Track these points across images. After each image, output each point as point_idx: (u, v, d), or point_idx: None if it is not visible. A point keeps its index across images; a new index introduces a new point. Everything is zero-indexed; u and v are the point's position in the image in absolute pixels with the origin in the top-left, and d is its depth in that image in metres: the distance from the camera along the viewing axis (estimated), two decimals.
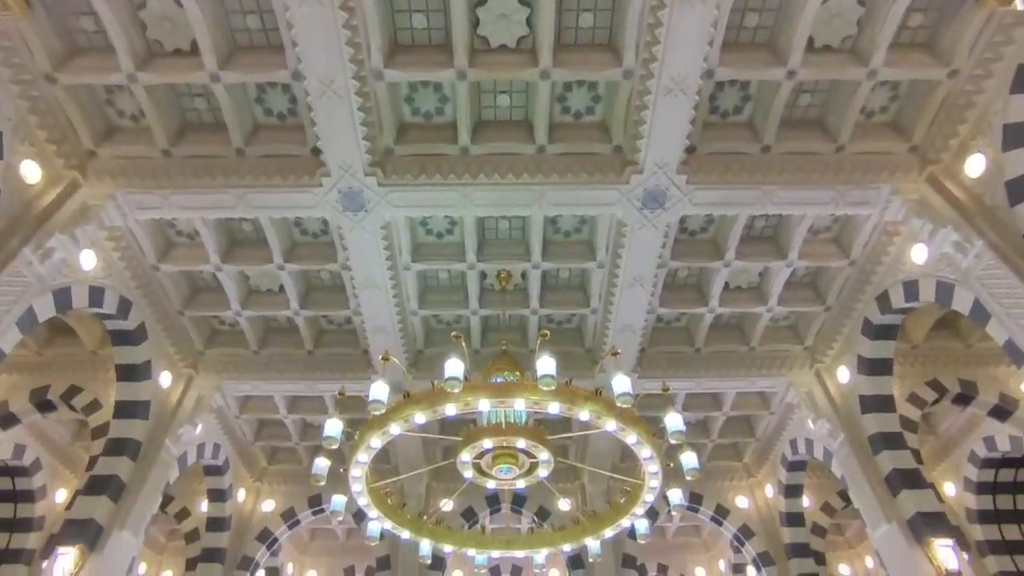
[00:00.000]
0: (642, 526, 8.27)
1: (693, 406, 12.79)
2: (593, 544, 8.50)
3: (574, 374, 7.09)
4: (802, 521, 13.42)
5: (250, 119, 8.35)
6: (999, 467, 12.66)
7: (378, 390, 6.02)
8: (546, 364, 5.69)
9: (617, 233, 9.02)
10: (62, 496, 12.97)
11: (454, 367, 5.75)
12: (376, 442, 6.48)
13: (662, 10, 6.62)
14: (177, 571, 15.90)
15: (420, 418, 6.13)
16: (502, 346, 8.75)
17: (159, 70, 7.55)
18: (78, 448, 13.24)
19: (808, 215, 9.10)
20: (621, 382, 5.92)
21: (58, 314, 8.72)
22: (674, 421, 6.49)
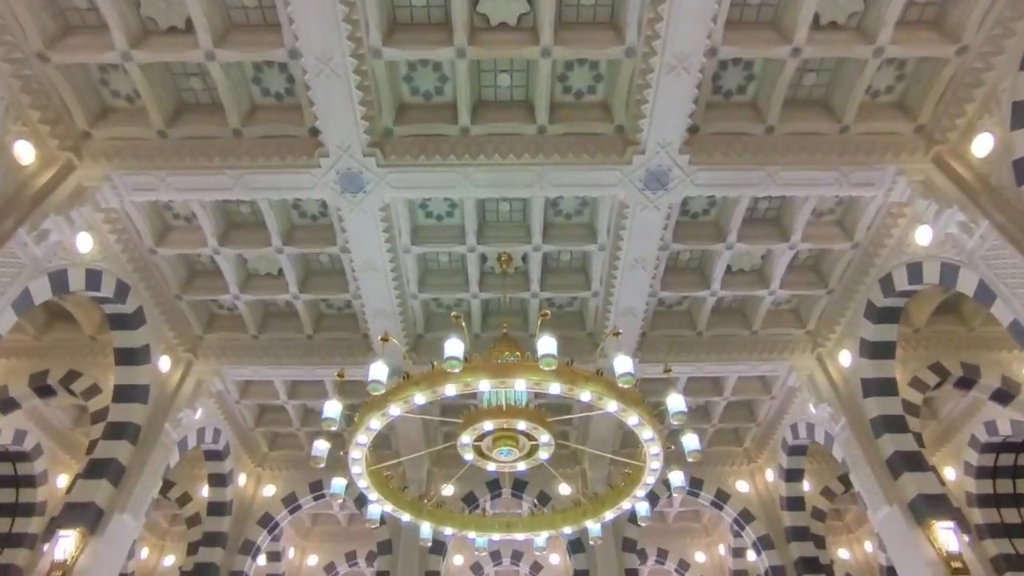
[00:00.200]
0: (643, 508, 8.25)
1: (694, 391, 12.76)
2: (594, 527, 8.49)
3: (575, 358, 7.08)
4: (802, 505, 13.46)
5: (247, 99, 8.24)
6: (999, 451, 12.66)
7: (377, 370, 5.95)
8: (547, 344, 5.62)
9: (618, 215, 8.93)
10: (63, 481, 12.99)
11: (454, 347, 5.69)
12: (376, 423, 6.43)
13: None
14: (179, 555, 16.00)
15: (420, 399, 6.08)
16: (503, 330, 8.71)
17: (153, 48, 7.43)
18: (78, 433, 13.24)
19: (811, 197, 9.02)
20: (623, 362, 5.86)
21: (55, 297, 8.67)
22: (676, 402, 6.45)
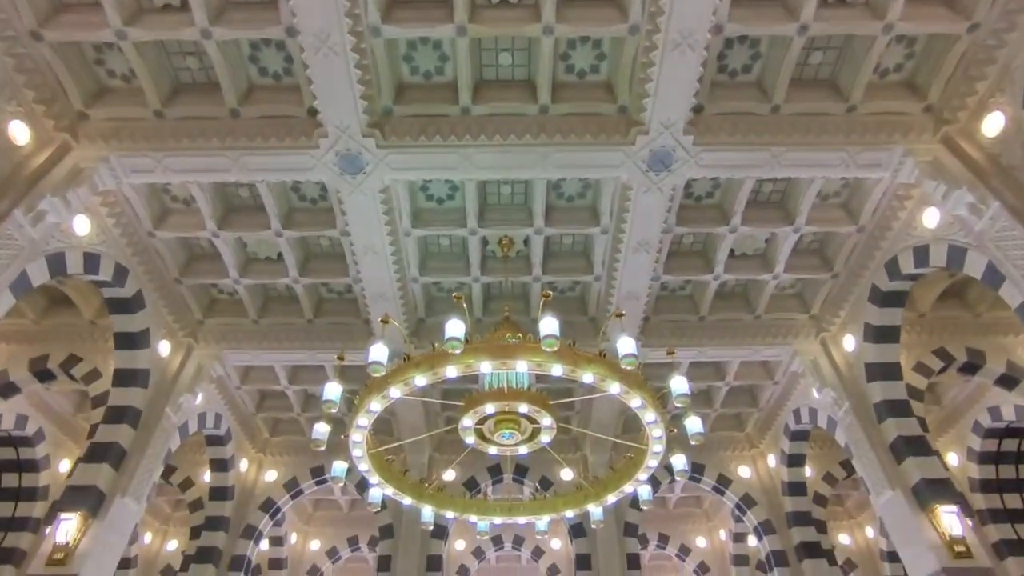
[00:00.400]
0: (645, 492, 8.23)
1: (696, 376, 12.69)
2: (595, 510, 8.48)
3: (577, 343, 6.96)
4: (804, 491, 13.43)
5: (244, 79, 8.12)
6: (1002, 437, 12.62)
7: (377, 351, 5.89)
8: (549, 324, 5.55)
9: (621, 197, 8.82)
10: (65, 466, 12.99)
11: (455, 328, 5.62)
12: (376, 406, 6.38)
13: None
14: (182, 540, 16.07)
15: (421, 380, 6.02)
16: (504, 313, 8.63)
17: (149, 26, 7.30)
18: (80, 419, 13.23)
19: (817, 179, 8.90)
20: (626, 343, 5.79)
21: (52, 280, 8.61)
22: (679, 384, 6.39)
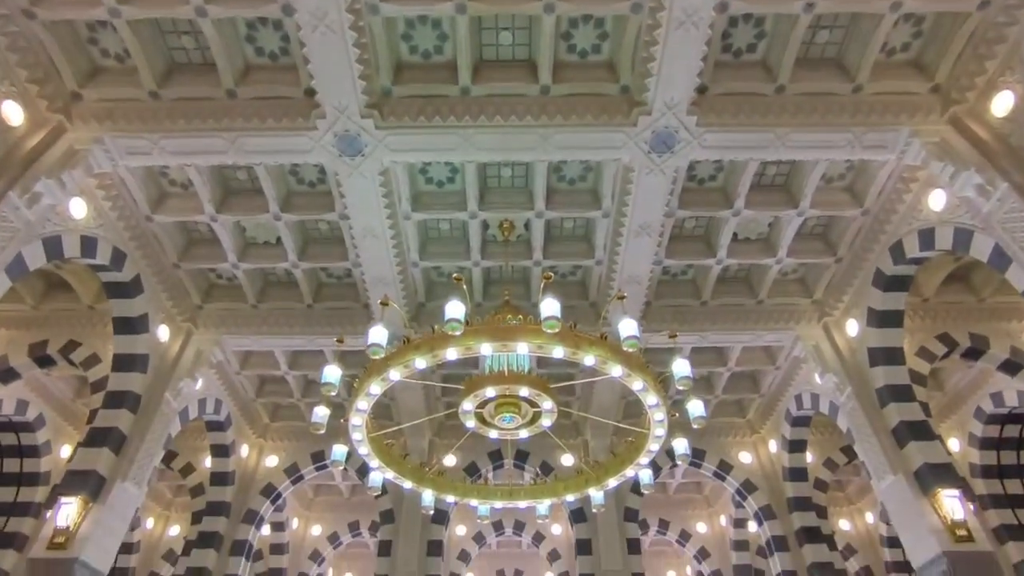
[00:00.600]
0: (646, 476, 8.21)
1: (698, 361, 12.59)
2: (596, 495, 8.45)
3: (578, 327, 6.88)
4: (805, 476, 13.43)
5: (240, 59, 7.99)
6: (1004, 423, 12.59)
7: (377, 334, 5.82)
8: (550, 306, 5.47)
9: (623, 179, 8.71)
10: (66, 452, 12.98)
11: (455, 309, 5.54)
12: (376, 388, 6.32)
13: None
14: (184, 526, 16.13)
15: (420, 363, 5.96)
16: (505, 297, 8.54)
17: (142, 4, 7.16)
18: (80, 405, 13.21)
19: (821, 161, 8.79)
20: (627, 325, 5.71)
21: (49, 263, 8.54)
22: (681, 367, 6.32)
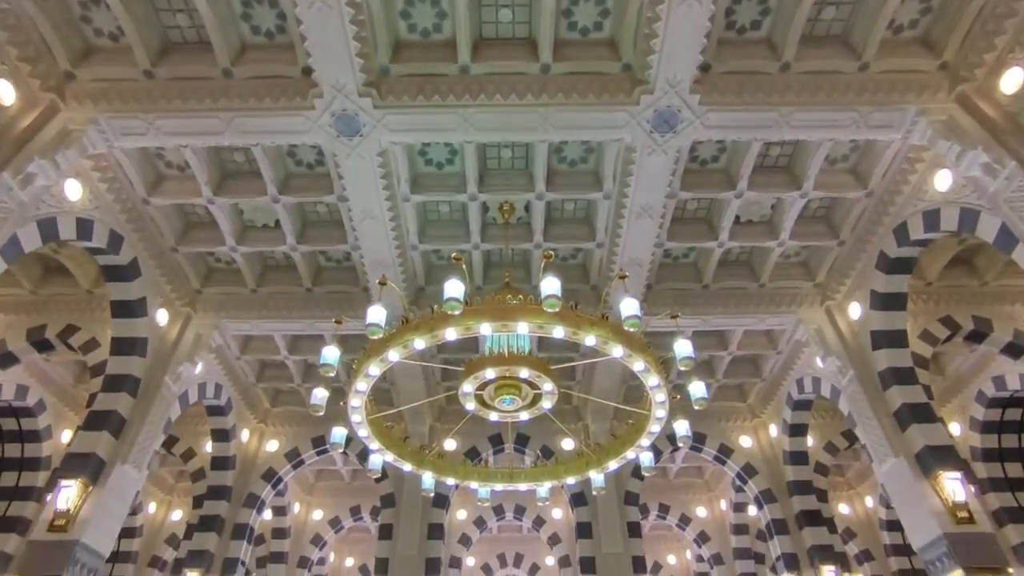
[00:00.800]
0: (647, 458, 8.17)
1: (699, 345, 12.34)
2: (597, 477, 8.42)
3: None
4: (805, 460, 13.44)
5: (236, 37, 7.86)
6: (1006, 406, 12.58)
7: (375, 313, 5.76)
8: (550, 284, 5.39)
9: (625, 160, 8.60)
10: (67, 437, 12.99)
11: (454, 288, 5.47)
12: (374, 370, 6.26)
13: None
14: (187, 510, 16.19)
15: (419, 343, 5.90)
16: (505, 280, 8.47)
17: None
18: (81, 390, 13.20)
19: (826, 142, 8.66)
20: (629, 304, 5.64)
21: (45, 246, 8.46)
22: (683, 347, 6.26)
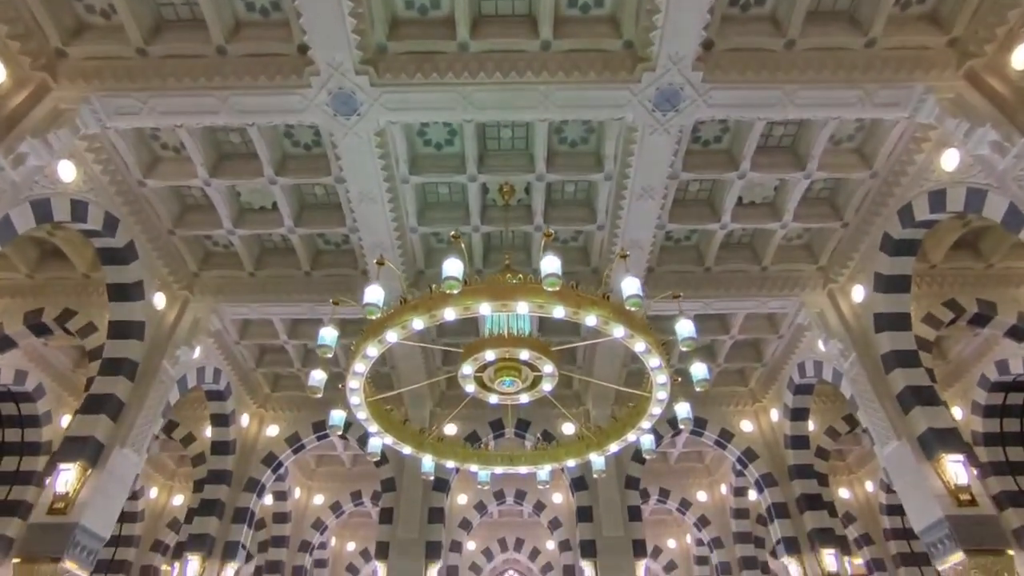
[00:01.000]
0: (647, 441, 8.14)
1: (700, 329, 12.19)
2: (597, 460, 8.40)
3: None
4: (807, 444, 13.43)
5: (231, 14, 7.71)
6: (1008, 391, 12.54)
7: (373, 293, 5.68)
8: (551, 263, 5.31)
9: (626, 140, 8.47)
10: (67, 422, 12.97)
11: (453, 267, 5.39)
12: (372, 351, 6.20)
13: None
14: (188, 495, 16.23)
15: (418, 324, 5.83)
16: (505, 262, 8.38)
17: None
18: (80, 375, 13.17)
19: (830, 122, 8.52)
20: (630, 284, 5.56)
21: (39, 227, 8.37)
22: (685, 327, 6.21)
